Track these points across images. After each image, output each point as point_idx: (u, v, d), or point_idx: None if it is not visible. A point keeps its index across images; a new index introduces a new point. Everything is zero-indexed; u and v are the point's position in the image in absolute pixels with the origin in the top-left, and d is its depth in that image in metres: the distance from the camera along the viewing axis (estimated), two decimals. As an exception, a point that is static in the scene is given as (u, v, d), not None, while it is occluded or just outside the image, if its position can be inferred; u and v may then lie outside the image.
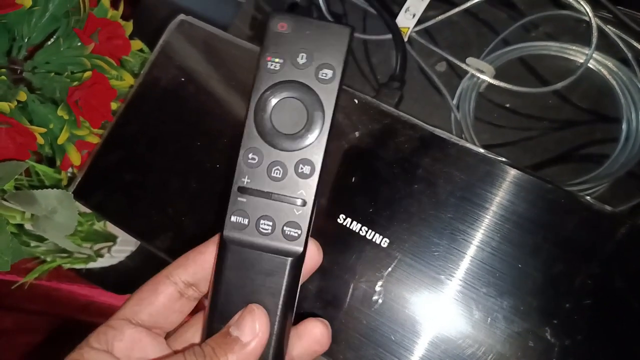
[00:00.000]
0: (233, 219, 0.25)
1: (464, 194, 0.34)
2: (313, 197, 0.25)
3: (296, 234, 0.25)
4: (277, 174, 0.25)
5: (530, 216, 0.33)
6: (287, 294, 0.25)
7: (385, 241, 0.35)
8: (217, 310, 0.25)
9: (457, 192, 0.35)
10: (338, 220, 0.36)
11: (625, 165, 0.39)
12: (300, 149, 0.25)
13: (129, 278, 0.57)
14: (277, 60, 0.25)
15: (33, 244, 0.50)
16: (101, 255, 0.55)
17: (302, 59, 0.25)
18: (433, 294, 0.34)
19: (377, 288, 0.34)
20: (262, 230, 0.25)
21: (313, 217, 0.26)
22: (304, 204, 0.25)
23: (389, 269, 0.35)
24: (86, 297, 0.63)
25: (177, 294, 0.27)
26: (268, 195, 0.25)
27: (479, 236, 0.34)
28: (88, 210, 0.49)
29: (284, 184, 0.25)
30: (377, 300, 0.34)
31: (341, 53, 0.25)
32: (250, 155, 0.25)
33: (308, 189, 0.25)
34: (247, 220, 0.25)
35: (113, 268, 0.56)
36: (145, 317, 0.27)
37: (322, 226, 0.35)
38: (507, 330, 0.32)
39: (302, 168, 0.25)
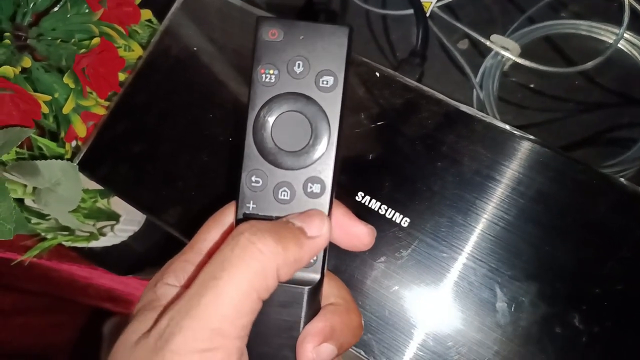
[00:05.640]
0: None
1: (490, 172, 0.33)
2: None
3: (311, 261, 0.23)
4: (284, 195, 0.23)
5: (559, 197, 0.32)
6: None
7: (406, 220, 0.33)
8: None
9: (483, 170, 0.33)
10: (356, 198, 0.34)
11: (655, 149, 0.38)
12: (307, 166, 0.23)
13: (131, 259, 0.55)
14: (271, 71, 0.22)
15: (34, 220, 0.48)
16: (104, 234, 0.53)
17: (299, 68, 0.22)
18: (455, 277, 0.32)
19: (397, 269, 0.33)
20: None
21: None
22: None
23: (409, 250, 0.33)
24: (86, 278, 0.61)
25: None
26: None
27: (505, 217, 0.32)
28: (91, 187, 0.47)
29: (293, 206, 0.23)
30: (396, 282, 0.33)
31: (341, 56, 0.22)
32: (253, 179, 0.23)
33: (320, 209, 0.23)
34: None
35: (115, 248, 0.55)
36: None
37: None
38: (533, 315, 0.31)
39: (311, 187, 0.23)
